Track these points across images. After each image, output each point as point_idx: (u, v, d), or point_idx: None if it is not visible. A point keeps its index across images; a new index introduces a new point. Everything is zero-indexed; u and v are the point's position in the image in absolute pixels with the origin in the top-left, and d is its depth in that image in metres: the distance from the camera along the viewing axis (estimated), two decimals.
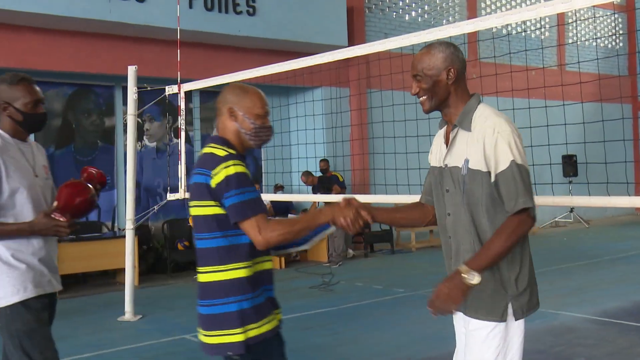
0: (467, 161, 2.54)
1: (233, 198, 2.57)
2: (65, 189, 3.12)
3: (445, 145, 2.68)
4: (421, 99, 2.65)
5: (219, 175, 2.58)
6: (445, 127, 2.72)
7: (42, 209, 3.12)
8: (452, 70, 2.58)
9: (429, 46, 2.65)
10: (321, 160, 11.75)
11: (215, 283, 2.64)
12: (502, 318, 2.51)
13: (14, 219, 3.04)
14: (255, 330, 2.63)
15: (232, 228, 2.61)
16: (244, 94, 2.76)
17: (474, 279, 2.44)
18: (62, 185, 3.16)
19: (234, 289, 2.62)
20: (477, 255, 2.48)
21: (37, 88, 3.20)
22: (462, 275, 2.45)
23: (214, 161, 2.61)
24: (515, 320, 2.53)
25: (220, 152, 2.65)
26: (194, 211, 2.68)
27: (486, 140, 2.48)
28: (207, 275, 2.67)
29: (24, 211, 3.07)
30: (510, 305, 2.51)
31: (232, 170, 2.58)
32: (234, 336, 2.60)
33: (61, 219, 3.03)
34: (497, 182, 2.48)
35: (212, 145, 2.70)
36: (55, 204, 3.06)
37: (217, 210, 2.61)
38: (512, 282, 2.52)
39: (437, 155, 2.76)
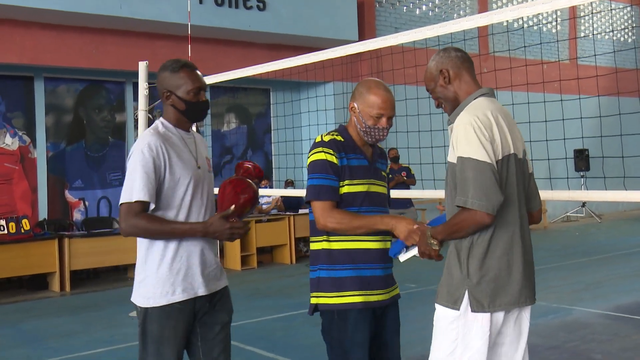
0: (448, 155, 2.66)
1: (310, 180, 2.89)
2: (233, 189, 2.94)
3: None
4: (442, 108, 2.77)
5: (309, 158, 2.91)
6: None
7: (201, 203, 2.96)
8: (443, 71, 2.67)
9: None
10: (391, 149, 10.62)
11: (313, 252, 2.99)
12: (455, 305, 2.52)
13: (173, 210, 2.87)
14: (327, 299, 2.89)
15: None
16: (367, 93, 2.91)
17: (435, 245, 2.61)
18: (226, 183, 2.98)
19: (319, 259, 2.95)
20: (440, 227, 2.61)
21: (199, 74, 3.01)
22: (428, 239, 2.62)
23: (313, 144, 2.94)
24: (472, 311, 2.49)
25: (326, 137, 2.93)
26: None
27: (452, 134, 2.59)
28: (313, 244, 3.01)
29: (183, 203, 2.89)
30: (467, 294, 2.50)
31: (315, 157, 2.87)
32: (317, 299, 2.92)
33: (237, 223, 2.86)
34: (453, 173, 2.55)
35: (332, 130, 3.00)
36: (232, 207, 2.85)
37: None
38: (472, 271, 2.51)
39: None
